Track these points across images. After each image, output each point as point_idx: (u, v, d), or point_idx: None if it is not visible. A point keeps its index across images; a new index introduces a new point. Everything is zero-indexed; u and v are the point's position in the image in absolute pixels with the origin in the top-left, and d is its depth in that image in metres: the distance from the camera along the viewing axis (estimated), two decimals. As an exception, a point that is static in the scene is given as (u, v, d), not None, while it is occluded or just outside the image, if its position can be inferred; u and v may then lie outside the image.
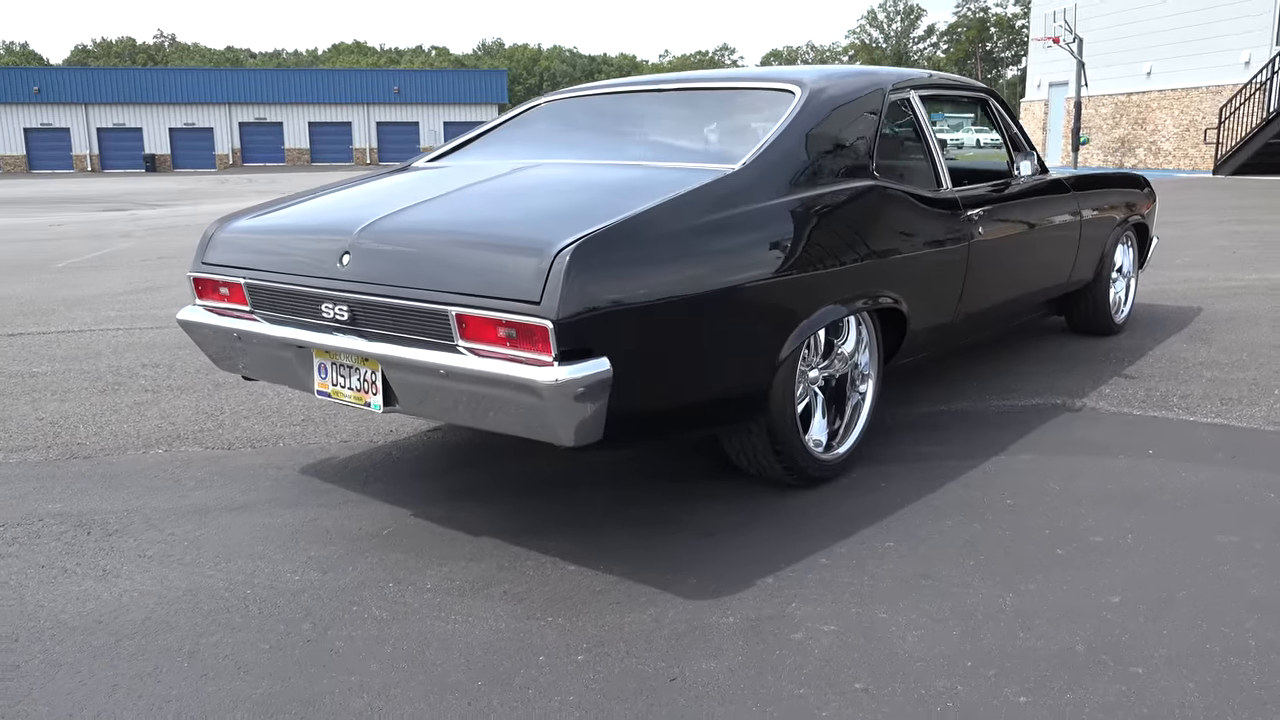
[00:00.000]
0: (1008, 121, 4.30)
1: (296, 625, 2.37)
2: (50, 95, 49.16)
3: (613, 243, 2.40)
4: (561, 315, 2.29)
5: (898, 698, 2.04)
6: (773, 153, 2.96)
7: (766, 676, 2.12)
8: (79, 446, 3.72)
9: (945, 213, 3.55)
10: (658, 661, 2.18)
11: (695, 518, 2.95)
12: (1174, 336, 5.22)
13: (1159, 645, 2.21)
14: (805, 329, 2.87)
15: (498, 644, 2.27)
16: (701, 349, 2.62)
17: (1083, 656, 2.18)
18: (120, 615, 2.42)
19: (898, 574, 2.58)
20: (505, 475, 3.34)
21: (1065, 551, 2.70)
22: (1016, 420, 3.85)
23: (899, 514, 2.96)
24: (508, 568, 2.65)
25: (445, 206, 2.84)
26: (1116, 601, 2.42)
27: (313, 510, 3.06)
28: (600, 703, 2.03)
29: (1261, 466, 3.30)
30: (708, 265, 2.59)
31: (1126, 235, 5.23)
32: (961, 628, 2.31)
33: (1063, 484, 3.18)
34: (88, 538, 2.89)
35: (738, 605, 2.43)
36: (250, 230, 3.08)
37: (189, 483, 3.32)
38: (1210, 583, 2.51)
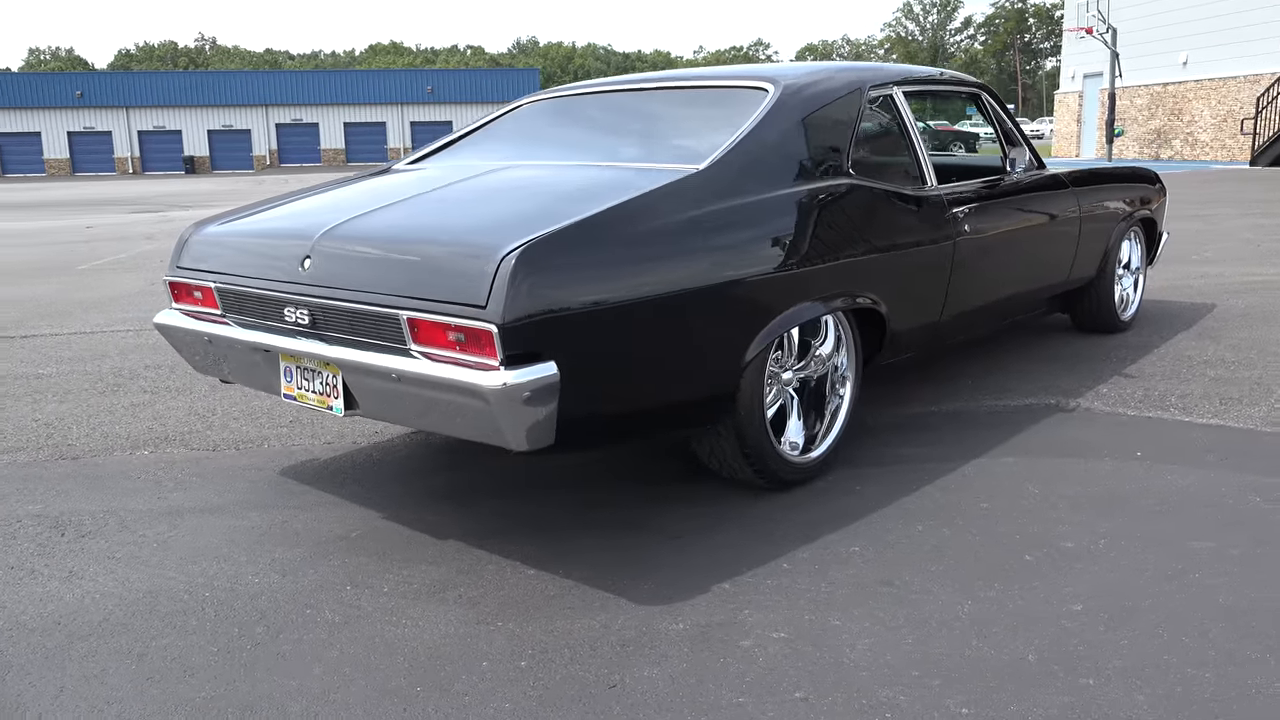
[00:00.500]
0: (1002, 117, 4.23)
1: (249, 629, 2.38)
2: (92, 99, 50.05)
3: (560, 247, 2.38)
4: (506, 319, 2.27)
5: (837, 707, 2.00)
6: (738, 153, 2.92)
7: (708, 685, 2.09)
8: (69, 448, 3.77)
9: (928, 211, 3.49)
10: (600, 668, 2.17)
11: (662, 521, 2.93)
12: (1183, 334, 5.11)
13: (1115, 656, 2.16)
14: (771, 330, 2.84)
15: (444, 649, 2.26)
16: (657, 352, 2.59)
17: (1034, 667, 2.13)
18: (79, 617, 2.45)
19: (859, 580, 2.54)
20: (483, 477, 3.34)
21: (1033, 558, 2.65)
22: (1007, 421, 3.78)
23: (869, 518, 2.92)
24: (467, 571, 2.65)
25: (404, 211, 2.83)
26: (1078, 610, 2.37)
27: (285, 512, 3.08)
28: (536, 710, 2.02)
29: (1251, 470, 3.22)
30: (663, 268, 2.56)
31: (1133, 231, 5.12)
32: (914, 636, 2.26)
33: (1042, 487, 3.12)
34: (61, 539, 2.92)
35: (690, 611, 2.40)
36: (221, 234, 3.10)
37: (168, 484, 3.35)
38: (1178, 590, 2.44)
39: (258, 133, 51.61)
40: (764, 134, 3.03)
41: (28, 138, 50.02)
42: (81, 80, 51.80)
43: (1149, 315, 5.59)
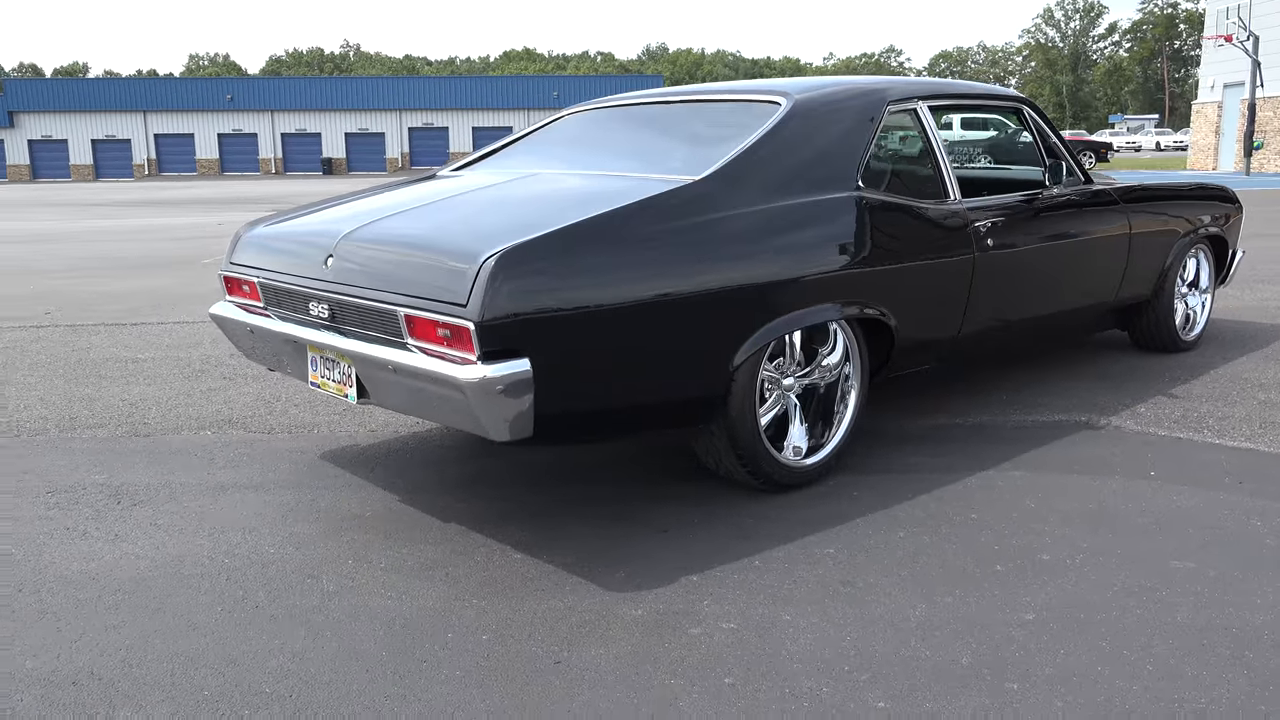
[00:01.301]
0: (1045, 131, 4.20)
1: (253, 593, 2.62)
2: (241, 103, 52.83)
3: (538, 252, 2.55)
4: (483, 318, 2.46)
5: (760, 694, 2.11)
6: (738, 164, 3.04)
7: (645, 666, 2.23)
8: (144, 426, 4.13)
9: (945, 224, 3.53)
10: (552, 646, 2.32)
11: (654, 515, 3.07)
12: (1248, 355, 4.95)
13: (1048, 664, 2.20)
14: (761, 337, 2.94)
15: (418, 620, 2.45)
16: (637, 354, 2.73)
17: (964, 669, 2.19)
18: (113, 574, 2.74)
19: (823, 580, 2.63)
20: (501, 468, 3.53)
21: (1004, 568, 2.68)
22: (1030, 436, 3.77)
23: (855, 523, 2.99)
24: (460, 552, 2.84)
25: (416, 217, 3.05)
26: (1029, 619, 2.40)
27: (314, 492, 3.33)
28: (480, 679, 2.19)
29: (1265, 494, 3.15)
30: (645, 273, 2.70)
31: (1200, 249, 4.99)
32: (857, 634, 2.35)
33: (1040, 501, 3.13)
34: (116, 506, 3.24)
35: (652, 599, 2.53)
36: (266, 234, 3.38)
37: (220, 462, 3.66)
38: (1138, 606, 2.45)
39: (391, 136, 53.59)
40: (766, 146, 3.14)
41: (182, 139, 53.17)
42: (232, 85, 54.78)
43: (1221, 335, 5.42)
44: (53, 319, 6.79)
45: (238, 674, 2.22)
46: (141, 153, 52.92)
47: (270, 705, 2.10)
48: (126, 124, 52.63)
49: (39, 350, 5.71)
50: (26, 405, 4.48)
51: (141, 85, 55.76)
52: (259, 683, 2.18)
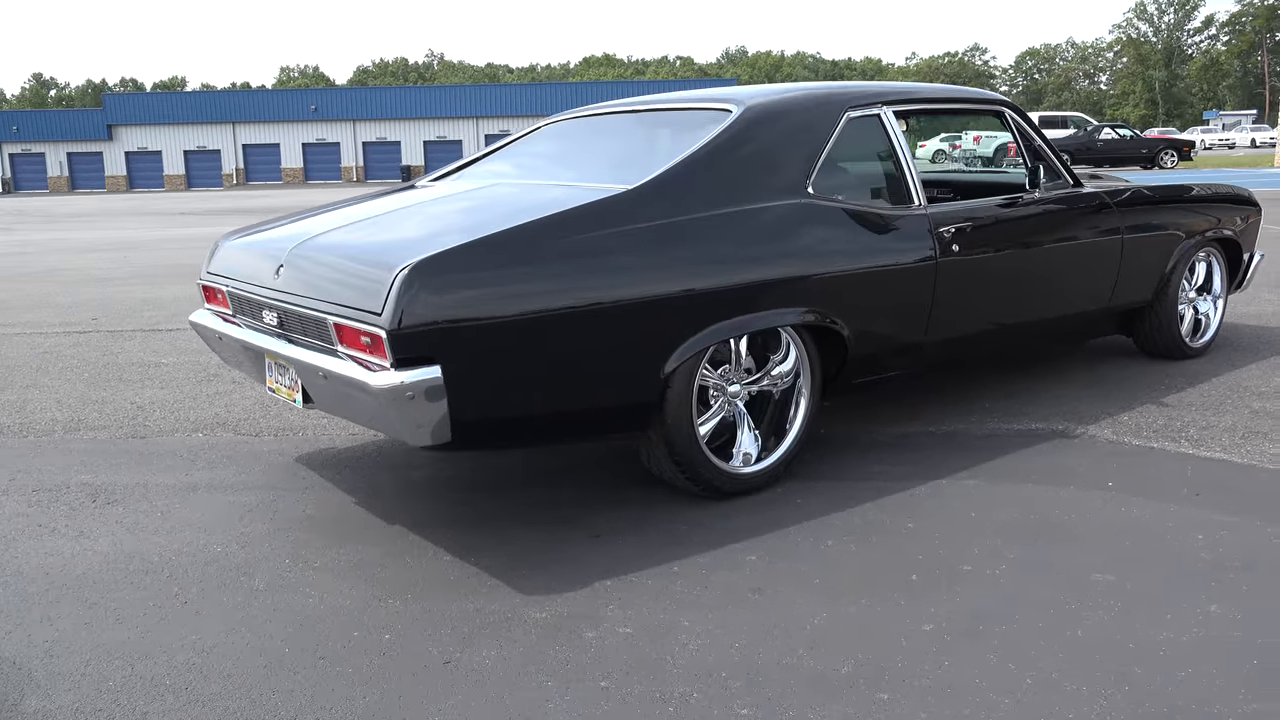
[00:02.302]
0: (1027, 134, 4.13)
1: (187, 588, 2.74)
2: (325, 113, 54.30)
3: (453, 262, 2.62)
4: (394, 326, 2.54)
5: (631, 697, 2.14)
6: (673, 173, 3.07)
7: (530, 667, 2.28)
8: (143, 428, 4.32)
9: (904, 230, 3.50)
10: (447, 646, 2.38)
11: (593, 521, 3.11)
12: (1259, 363, 4.78)
13: (927, 675, 2.19)
14: (694, 345, 2.96)
15: (330, 619, 2.54)
16: (558, 362, 2.78)
17: (840, 679, 2.19)
18: (66, 570, 2.88)
19: (733, 586, 2.64)
20: (464, 474, 3.61)
21: (919, 578, 2.66)
22: (1000, 445, 3.71)
23: (787, 530, 2.99)
24: (393, 554, 2.92)
25: (361, 228, 3.15)
26: (927, 629, 2.39)
27: (276, 493, 3.46)
28: (369, 676, 2.26)
29: (1217, 507, 3.06)
30: (563, 282, 2.75)
31: (1209, 253, 4.84)
32: (747, 641, 2.36)
33: (982, 512, 3.09)
34: (91, 505, 3.41)
35: (560, 603, 2.58)
36: (237, 245, 3.52)
37: (200, 463, 3.81)
38: (1040, 619, 2.41)
39: (468, 144, 54.47)
40: (707, 155, 3.16)
41: (268, 149, 54.86)
42: (316, 95, 56.35)
43: (1237, 341, 5.24)
44: (96, 325, 7.11)
45: (146, 666, 2.33)
46: (230, 162, 54.75)
47: (165, 696, 2.20)
48: (216, 135, 54.53)
49: (73, 355, 5.99)
50: (44, 407, 4.72)
51: (231, 97, 57.74)
52: (162, 675, 2.29)
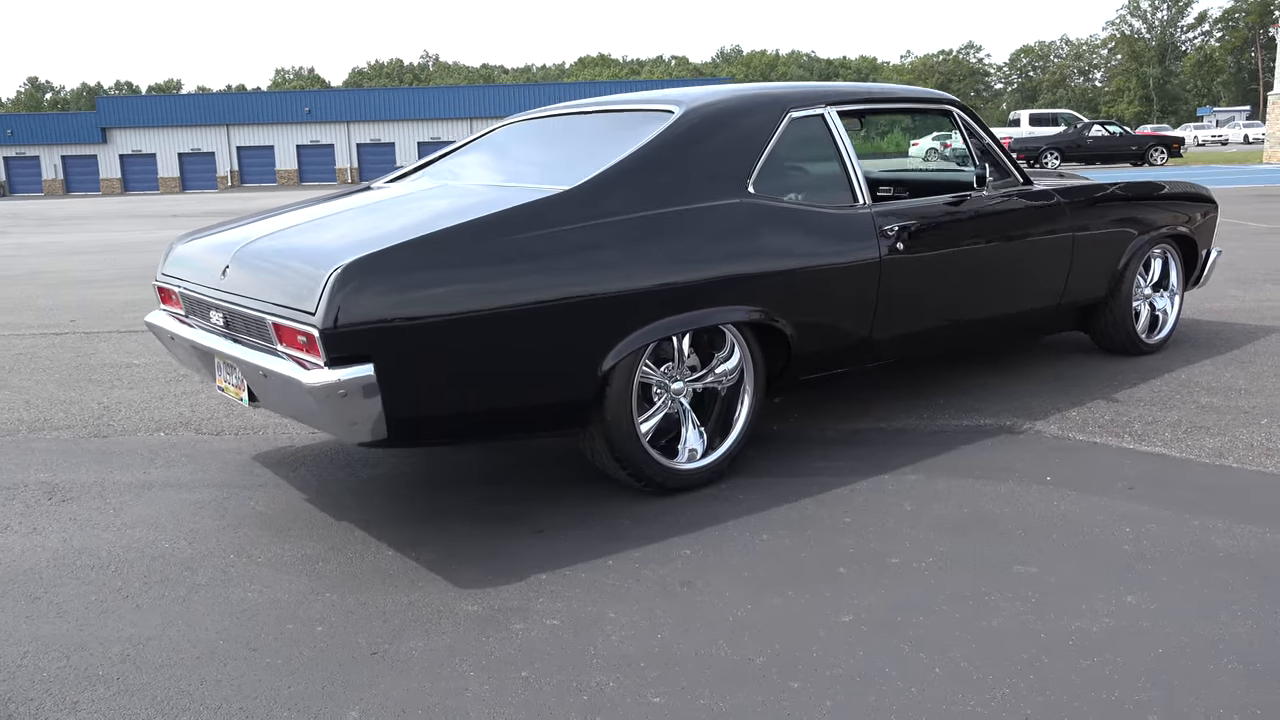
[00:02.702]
0: (977, 133, 4.18)
1: (130, 583, 2.79)
2: (319, 115, 54.33)
3: (385, 263, 2.67)
4: (326, 325, 2.59)
5: (547, 687, 2.19)
6: (610, 174, 3.12)
7: (454, 659, 2.32)
8: (106, 427, 4.37)
9: (847, 228, 3.55)
10: (376, 637, 2.43)
11: (537, 516, 3.16)
12: (1214, 359, 4.83)
13: (839, 665, 2.24)
14: (633, 342, 3.01)
15: (267, 611, 2.59)
16: (493, 361, 2.82)
17: (755, 668, 2.24)
18: (15, 565, 2.93)
19: (665, 580, 2.69)
20: (419, 471, 3.66)
21: (847, 570, 2.71)
22: (947, 441, 3.76)
23: (726, 525, 3.04)
24: (337, 549, 2.97)
25: (306, 229, 3.20)
26: (846, 620, 2.44)
27: (230, 490, 3.50)
28: (298, 667, 2.31)
29: (1147, 500, 3.11)
30: (500, 282, 2.79)
31: (1165, 249, 4.89)
32: (671, 633, 2.41)
33: (919, 506, 3.14)
34: (47, 502, 3.45)
35: (493, 595, 2.63)
36: (189, 246, 3.56)
37: (159, 462, 3.86)
38: (958, 610, 2.46)
39: (463, 144, 54.45)
40: (645, 156, 3.21)
41: (263, 151, 54.85)
42: (310, 98, 56.35)
43: (1195, 337, 5.29)
44: (74, 327, 7.16)
45: (81, 658, 2.38)
46: (225, 164, 54.73)
47: (96, 686, 2.25)
48: (211, 137, 54.52)
49: (48, 356, 6.03)
50: (11, 408, 4.76)
51: (225, 99, 57.76)
52: (96, 666, 2.34)
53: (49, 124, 56.51)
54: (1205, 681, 2.11)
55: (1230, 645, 2.25)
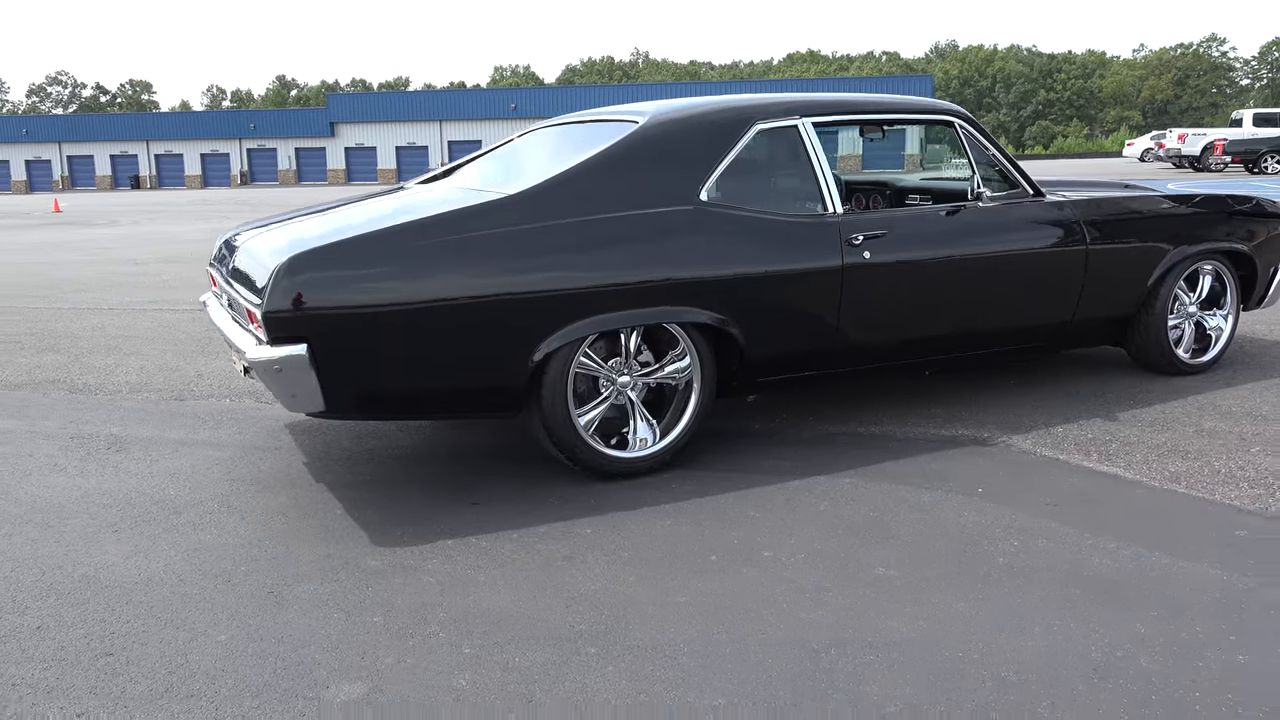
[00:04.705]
0: (979, 145, 4.17)
1: (123, 520, 3.30)
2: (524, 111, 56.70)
3: (325, 257, 3.06)
4: (268, 308, 3.00)
5: (389, 629, 2.51)
6: (554, 181, 3.39)
7: (330, 602, 2.68)
8: (187, 392, 5.02)
9: (809, 237, 3.66)
10: (280, 581, 2.82)
11: (478, 490, 3.48)
12: (1258, 383, 4.58)
13: (644, 638, 2.45)
14: (565, 336, 3.27)
15: (214, 552, 3.03)
16: (423, 346, 3.15)
17: (569, 633, 2.48)
18: (50, 499, 3.52)
19: (552, 554, 2.95)
20: (398, 445, 4.06)
21: (716, 558, 2.89)
22: (908, 449, 3.81)
23: (641, 510, 3.26)
24: (301, 506, 3.39)
25: (295, 225, 3.64)
26: (680, 601, 2.63)
27: (248, 451, 4.01)
28: (206, 599, 2.72)
29: (1061, 517, 3.10)
30: (430, 276, 3.12)
31: (1215, 265, 4.68)
32: (520, 598, 2.67)
33: (831, 506, 3.25)
34: (105, 451, 4.07)
35: (397, 555, 2.97)
36: (226, 238, 4.09)
37: (210, 424, 4.43)
38: (788, 602, 2.60)
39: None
40: (595, 164, 3.46)
41: (471, 145, 57.72)
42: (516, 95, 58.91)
43: (1261, 358, 5.00)
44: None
45: (53, 576, 2.89)
46: (437, 158, 58.03)
47: (49, 597, 2.74)
48: (426, 132, 57.99)
49: (185, 330, 6.86)
50: (127, 372, 5.52)
51: (439, 97, 61.22)
52: (60, 582, 2.84)
53: (285, 119, 61.65)
54: (964, 688, 2.19)
55: (1016, 656, 2.30)
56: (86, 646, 2.47)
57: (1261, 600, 2.54)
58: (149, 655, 2.42)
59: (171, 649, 2.45)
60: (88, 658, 2.41)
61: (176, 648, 2.46)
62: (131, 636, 2.52)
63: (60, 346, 6.31)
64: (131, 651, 2.44)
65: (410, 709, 2.17)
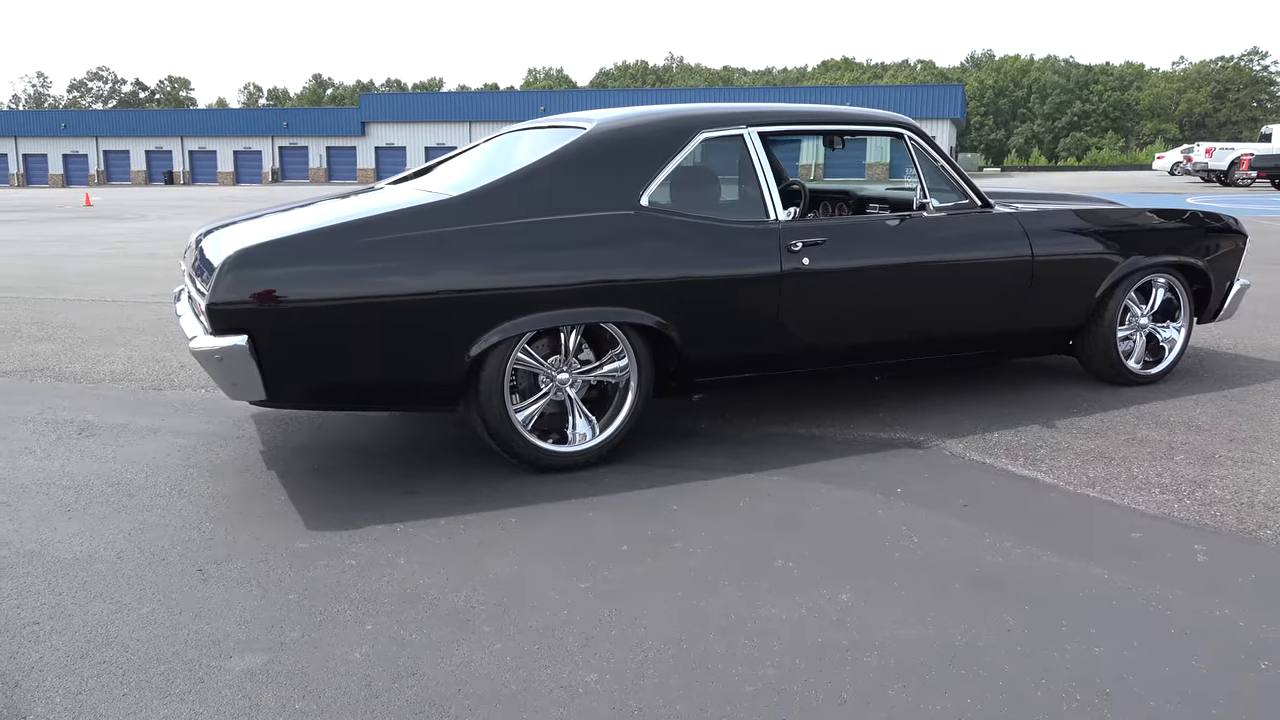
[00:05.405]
0: (928, 156, 4.26)
1: (78, 501, 3.46)
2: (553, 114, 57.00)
3: (265, 254, 3.22)
4: (211, 301, 3.16)
5: (301, 604, 2.65)
6: (496, 184, 3.53)
7: (253, 580, 2.82)
8: (166, 382, 5.20)
9: (749, 243, 3.77)
10: (213, 559, 2.97)
11: (417, 481, 3.62)
12: (1204, 394, 4.64)
13: (539, 621, 2.57)
14: (494, 336, 3.40)
15: (155, 532, 3.19)
16: (360, 341, 3.30)
17: (470, 614, 2.61)
18: (13, 480, 3.69)
19: (468, 540, 3.09)
20: (349, 437, 4.21)
21: (627, 548, 3.01)
22: (842, 450, 3.91)
23: (569, 502, 3.38)
24: (248, 491, 3.55)
25: (257, 221, 3.80)
26: (582, 587, 2.76)
27: (210, 439, 4.17)
28: (137, 576, 2.88)
29: (967, 517, 3.20)
30: (367, 273, 3.27)
31: (1169, 278, 4.74)
32: (433, 581, 2.80)
33: (751, 502, 3.37)
34: (76, 437, 4.25)
35: (325, 538, 3.11)
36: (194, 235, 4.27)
37: (180, 413, 4.61)
38: (682, 589, 2.72)
39: (686, 146, 55.63)
40: (537, 169, 3.60)
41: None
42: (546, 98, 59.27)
43: (1215, 370, 5.05)
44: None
45: (6, 550, 3.06)
46: (466, 159, 58.51)
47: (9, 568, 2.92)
48: (455, 133, 58.48)
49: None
50: (114, 361, 5.72)
51: (469, 98, 61.78)
52: (6, 558, 3.00)
53: (318, 117, 62.41)
54: (825, 671, 2.30)
55: (884, 644, 2.41)
56: (16, 616, 2.63)
57: (1134, 597, 2.63)
58: (72, 625, 2.58)
59: (95, 620, 2.61)
60: (15, 625, 2.57)
61: (100, 619, 2.61)
62: (60, 608, 2.68)
63: (57, 336, 6.53)
64: (57, 621, 2.60)
65: (301, 678, 2.31)
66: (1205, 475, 3.56)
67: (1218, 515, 3.20)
